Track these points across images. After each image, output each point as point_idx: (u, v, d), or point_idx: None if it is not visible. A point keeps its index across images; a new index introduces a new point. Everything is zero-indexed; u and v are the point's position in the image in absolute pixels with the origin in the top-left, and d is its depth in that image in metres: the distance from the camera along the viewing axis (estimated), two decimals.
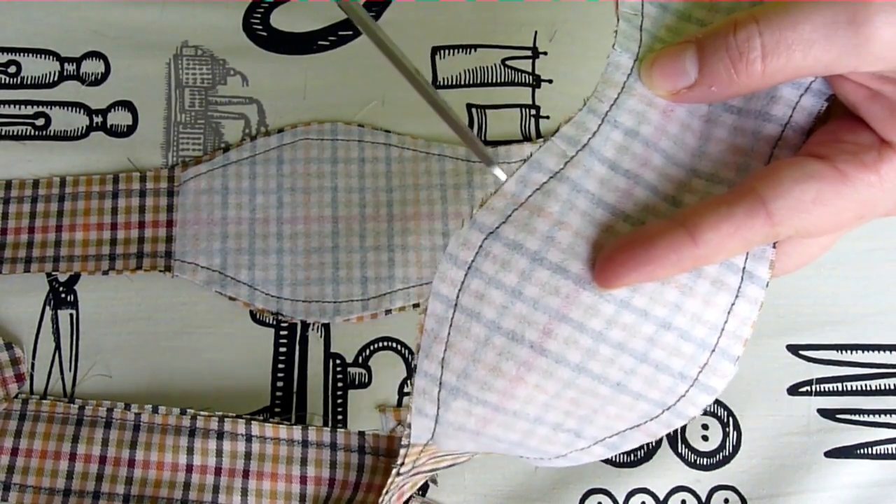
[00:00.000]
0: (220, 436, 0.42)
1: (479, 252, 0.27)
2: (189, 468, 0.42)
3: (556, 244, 0.26)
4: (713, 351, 0.27)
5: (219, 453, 0.42)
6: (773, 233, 0.25)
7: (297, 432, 0.42)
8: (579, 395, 0.27)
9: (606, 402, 0.27)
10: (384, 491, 0.34)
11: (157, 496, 0.42)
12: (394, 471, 0.32)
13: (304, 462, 0.42)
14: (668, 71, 0.26)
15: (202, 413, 0.43)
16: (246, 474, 0.42)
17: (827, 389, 0.46)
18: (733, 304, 0.27)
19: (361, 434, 0.42)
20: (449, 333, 0.27)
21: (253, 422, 0.43)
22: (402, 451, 0.30)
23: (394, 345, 0.46)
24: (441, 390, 0.28)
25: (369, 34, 0.28)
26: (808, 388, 0.46)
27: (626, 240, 0.25)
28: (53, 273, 0.46)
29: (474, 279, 0.27)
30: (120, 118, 0.49)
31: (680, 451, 0.45)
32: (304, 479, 0.41)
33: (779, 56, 0.24)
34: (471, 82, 0.50)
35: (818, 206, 0.25)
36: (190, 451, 0.42)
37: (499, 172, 0.27)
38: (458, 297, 0.27)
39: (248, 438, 0.42)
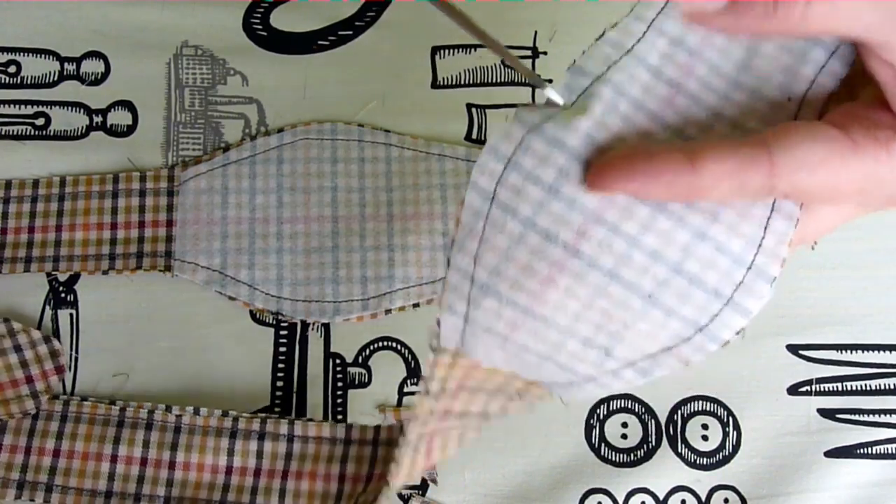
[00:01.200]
0: (261, 437, 0.42)
1: (520, 146, 0.26)
2: (229, 470, 0.42)
3: (597, 144, 0.26)
4: (749, 268, 0.26)
5: (259, 455, 0.42)
6: (771, 184, 0.25)
7: (340, 430, 0.42)
8: (610, 306, 0.27)
9: (637, 318, 0.27)
10: (411, 419, 0.32)
11: (197, 498, 0.42)
12: (421, 387, 0.30)
13: (344, 460, 0.42)
14: None
15: (244, 415, 0.43)
16: (285, 475, 0.42)
17: (827, 389, 0.46)
18: (769, 218, 0.26)
19: (402, 427, 0.42)
20: (484, 228, 0.27)
21: (296, 422, 0.43)
22: (431, 359, 0.29)
23: (394, 345, 0.46)
24: (472, 287, 0.27)
25: None
26: (808, 388, 0.46)
27: (629, 150, 0.25)
28: (53, 273, 0.46)
29: (513, 172, 0.26)
30: (120, 118, 0.49)
31: (680, 450, 0.45)
32: (342, 478, 0.41)
33: (824, 3, 0.24)
34: (471, 82, 0.50)
35: (821, 167, 0.25)
36: (230, 452, 0.42)
37: (553, 94, 0.27)
38: (496, 189, 0.27)
39: (290, 439, 0.42)
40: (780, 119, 0.27)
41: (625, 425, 0.45)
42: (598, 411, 0.45)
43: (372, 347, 0.46)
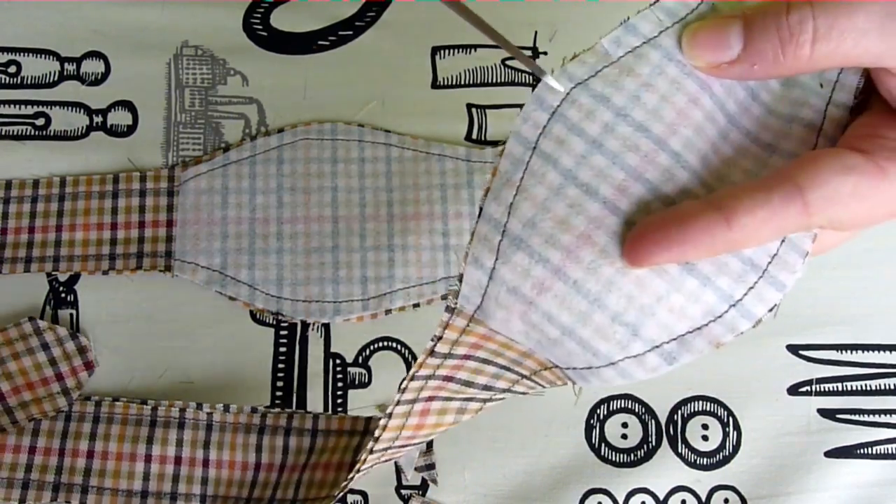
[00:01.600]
0: (287, 432, 0.42)
1: (567, 99, 0.26)
2: (257, 466, 0.42)
3: (642, 104, 0.26)
4: (783, 241, 0.26)
5: (285, 450, 0.42)
6: (808, 223, 0.25)
7: (360, 423, 0.42)
8: (646, 273, 0.26)
9: (672, 287, 0.26)
10: (409, 377, 0.30)
11: (228, 496, 0.42)
12: (429, 344, 0.29)
13: (357, 449, 0.41)
14: (711, 42, 0.26)
15: (272, 411, 0.43)
16: (304, 468, 0.42)
17: (827, 389, 0.46)
18: None
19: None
20: (522, 177, 0.26)
21: (320, 416, 0.43)
22: (445, 318, 0.28)
23: (394, 345, 0.46)
24: (503, 239, 0.27)
25: None
26: (808, 388, 0.46)
27: (659, 218, 0.25)
28: (53, 273, 0.46)
29: (557, 124, 0.26)
30: (120, 118, 0.49)
31: (680, 451, 0.45)
32: (351, 467, 0.41)
33: (829, 41, 0.24)
34: (471, 82, 0.50)
35: (855, 199, 0.25)
36: (258, 448, 0.42)
37: (552, 82, 0.27)
38: (538, 140, 0.26)
39: (314, 433, 0.42)
40: (814, 101, 0.27)
41: (625, 425, 0.45)
42: (598, 411, 0.45)
43: (372, 347, 0.46)
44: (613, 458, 0.44)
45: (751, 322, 0.26)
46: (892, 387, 0.46)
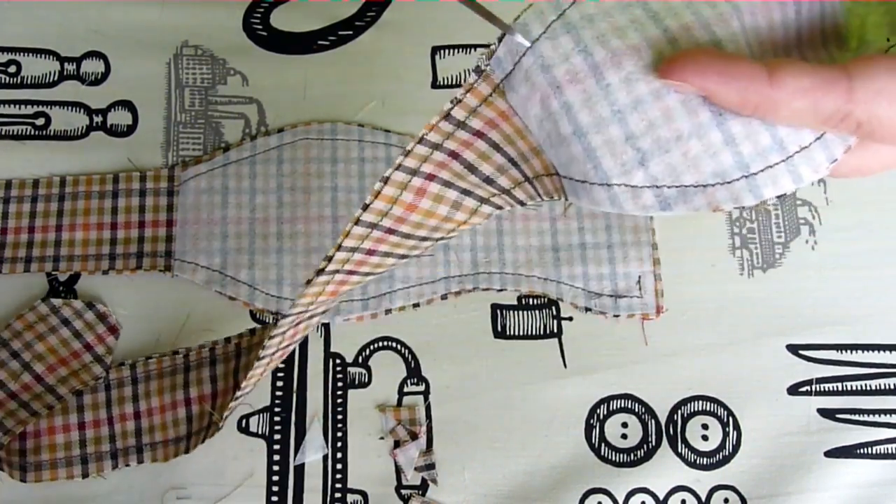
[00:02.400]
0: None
1: None
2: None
3: None
4: (818, 138, 0.26)
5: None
6: (845, 110, 0.25)
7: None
8: (678, 107, 0.26)
9: (696, 132, 0.26)
10: (417, 139, 0.30)
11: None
12: (446, 106, 0.29)
13: None
14: None
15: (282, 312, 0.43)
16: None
17: (827, 389, 0.46)
18: None
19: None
20: None
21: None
22: (471, 81, 0.28)
23: (394, 345, 0.46)
24: (557, 20, 0.27)
25: None
26: (808, 388, 0.46)
27: (710, 49, 0.26)
28: (53, 273, 0.46)
29: None
30: (120, 118, 0.49)
31: (680, 450, 0.45)
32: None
33: None
34: None
35: None
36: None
37: (520, 39, 0.27)
38: None
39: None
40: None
41: (625, 425, 0.45)
42: (598, 411, 0.45)
43: (372, 347, 0.46)
44: (613, 458, 0.44)
45: (755, 200, 0.26)
46: (892, 387, 0.46)
